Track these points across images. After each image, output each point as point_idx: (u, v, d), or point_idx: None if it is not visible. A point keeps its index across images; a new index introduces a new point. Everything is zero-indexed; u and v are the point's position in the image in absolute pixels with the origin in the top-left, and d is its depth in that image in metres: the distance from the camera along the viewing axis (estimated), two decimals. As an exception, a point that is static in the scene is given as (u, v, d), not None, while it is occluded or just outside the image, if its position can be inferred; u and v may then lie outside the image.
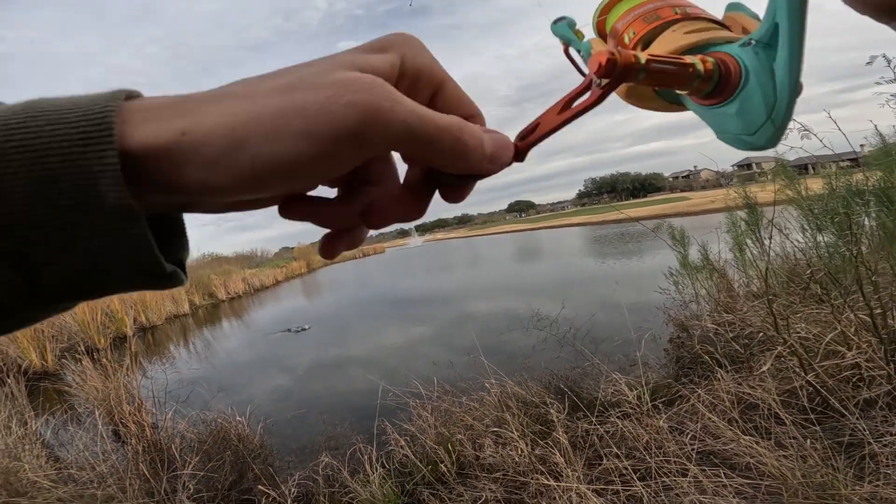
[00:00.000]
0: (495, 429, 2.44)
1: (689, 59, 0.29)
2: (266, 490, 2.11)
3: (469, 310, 7.94)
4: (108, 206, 0.17)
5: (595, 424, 2.27)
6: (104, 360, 4.18)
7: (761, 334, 2.67)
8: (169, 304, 13.89)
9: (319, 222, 0.26)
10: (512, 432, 2.32)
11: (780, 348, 2.32)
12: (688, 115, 0.35)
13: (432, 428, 2.54)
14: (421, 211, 0.26)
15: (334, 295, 15.24)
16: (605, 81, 0.26)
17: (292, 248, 40.21)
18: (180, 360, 7.41)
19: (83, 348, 7.05)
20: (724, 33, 0.34)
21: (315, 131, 0.19)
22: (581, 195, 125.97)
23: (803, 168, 7.26)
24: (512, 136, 0.27)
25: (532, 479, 2.04)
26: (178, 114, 0.18)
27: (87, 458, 2.38)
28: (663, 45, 0.34)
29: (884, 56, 2.60)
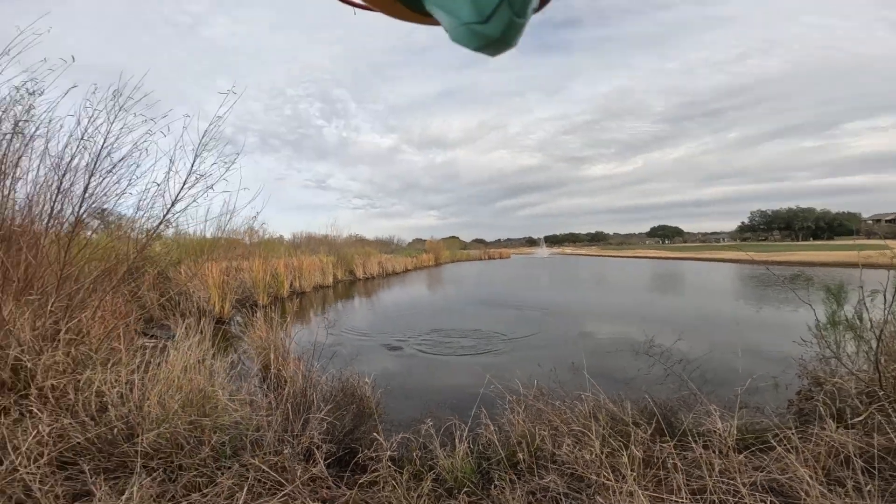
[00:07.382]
0: (577, 429, 2.56)
1: None
2: (377, 437, 2.52)
3: (583, 328, 7.95)
4: None
5: (675, 449, 2.29)
6: (271, 315, 5.20)
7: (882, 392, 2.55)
8: (318, 275, 16.09)
9: None
10: (591, 437, 2.42)
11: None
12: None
13: (520, 423, 2.73)
14: None
15: (456, 290, 16.01)
16: None
17: (424, 241, 42.59)
18: (319, 325, 8.61)
19: (251, 303, 8.61)
20: None
21: None
22: (743, 228, 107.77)
23: None
24: None
25: (596, 476, 2.15)
26: None
27: (254, 393, 3.08)
28: None
29: None
